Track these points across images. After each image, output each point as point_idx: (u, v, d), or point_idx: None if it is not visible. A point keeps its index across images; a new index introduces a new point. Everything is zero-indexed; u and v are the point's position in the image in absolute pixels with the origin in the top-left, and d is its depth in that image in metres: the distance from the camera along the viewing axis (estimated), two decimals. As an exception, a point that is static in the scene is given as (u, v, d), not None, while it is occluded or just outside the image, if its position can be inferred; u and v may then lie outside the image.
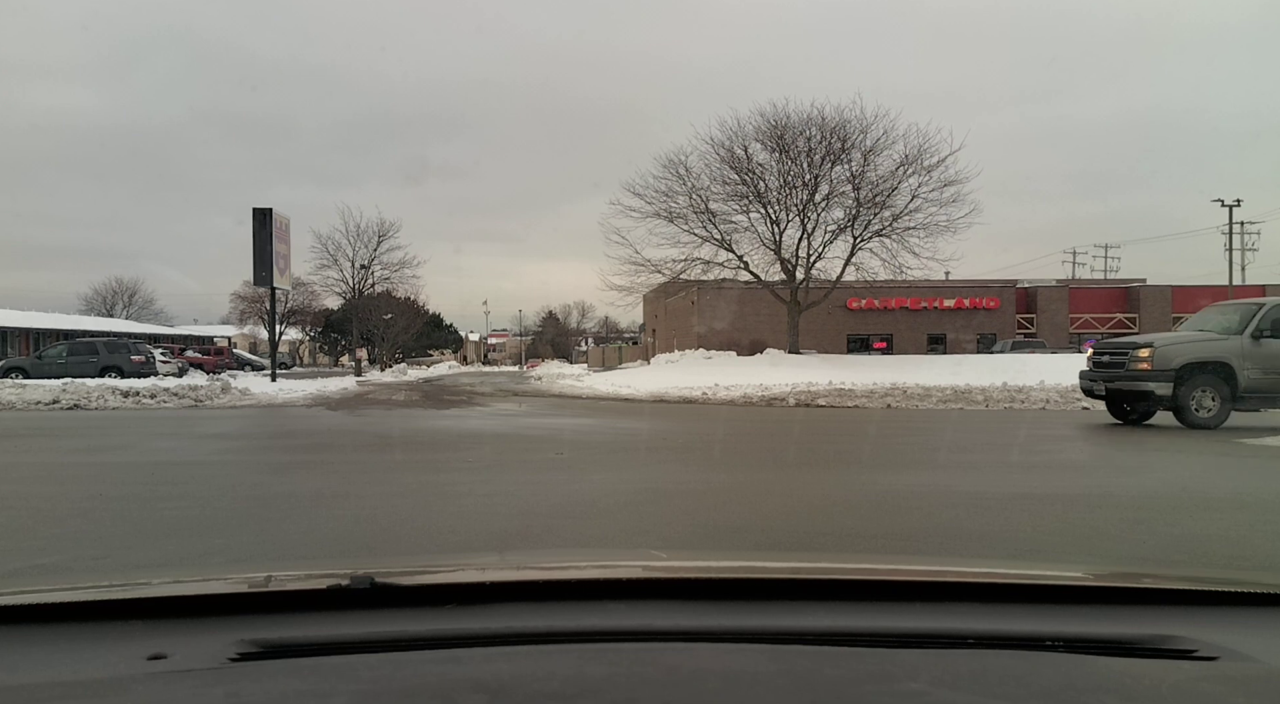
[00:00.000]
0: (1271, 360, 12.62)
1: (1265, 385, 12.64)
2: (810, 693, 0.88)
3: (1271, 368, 12.63)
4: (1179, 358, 12.67)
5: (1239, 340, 12.75)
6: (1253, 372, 12.59)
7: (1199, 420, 12.45)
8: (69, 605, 1.21)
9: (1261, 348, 12.63)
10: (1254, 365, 12.60)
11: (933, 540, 4.96)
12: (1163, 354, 12.70)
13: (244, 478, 7.79)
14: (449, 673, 0.93)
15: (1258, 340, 12.67)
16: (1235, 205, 47.42)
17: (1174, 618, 1.17)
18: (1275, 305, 13.11)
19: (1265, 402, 13.00)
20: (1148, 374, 12.71)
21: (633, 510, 5.96)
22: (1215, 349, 12.84)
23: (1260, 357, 12.63)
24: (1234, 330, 12.94)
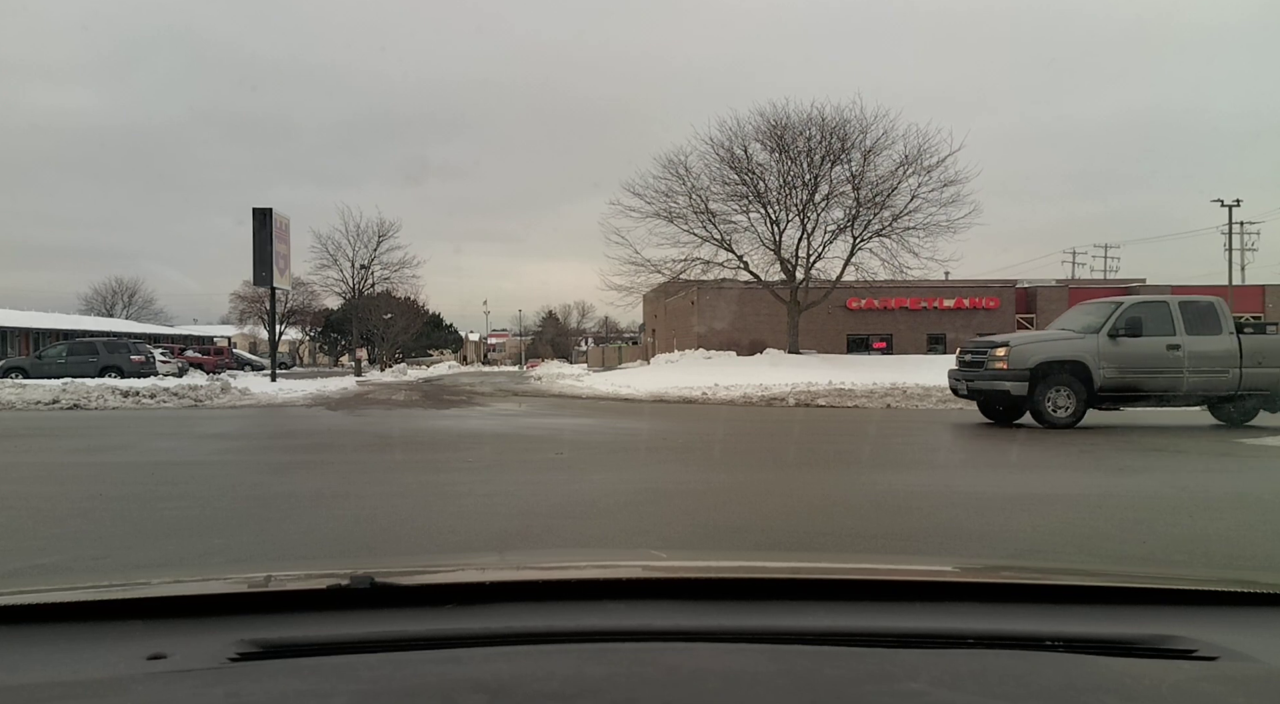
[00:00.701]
0: (1127, 359, 12.57)
1: (1122, 384, 12.59)
2: (810, 693, 0.87)
3: (1128, 367, 12.57)
4: (1034, 357, 12.62)
5: (1095, 339, 12.70)
6: (1109, 371, 12.54)
7: (1055, 420, 12.40)
8: (69, 605, 1.21)
9: (1118, 347, 12.59)
10: (1110, 364, 12.55)
11: (933, 540, 4.96)
12: (1018, 353, 12.69)
13: (244, 478, 7.79)
14: (449, 673, 0.93)
15: (1114, 339, 12.62)
16: (1235, 205, 47.43)
17: (1174, 618, 1.17)
18: (1133, 304, 13.08)
19: (1123, 401, 12.93)
20: (1004, 373, 12.67)
21: (633, 510, 5.96)
22: (1071, 348, 12.78)
23: (1116, 356, 12.58)
24: (1093, 329, 12.88)
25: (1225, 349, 12.62)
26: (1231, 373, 12.59)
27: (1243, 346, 12.65)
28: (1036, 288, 49.90)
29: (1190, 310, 12.88)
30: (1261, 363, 12.62)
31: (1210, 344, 12.61)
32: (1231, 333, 12.74)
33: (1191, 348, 12.56)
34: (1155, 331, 12.68)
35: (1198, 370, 12.57)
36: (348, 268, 51.07)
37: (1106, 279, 58.70)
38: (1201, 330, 12.70)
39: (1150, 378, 12.60)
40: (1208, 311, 12.92)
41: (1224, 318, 12.87)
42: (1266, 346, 12.79)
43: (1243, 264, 50.89)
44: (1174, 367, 12.55)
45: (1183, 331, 12.65)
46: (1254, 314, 46.88)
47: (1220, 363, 12.59)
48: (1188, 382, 12.59)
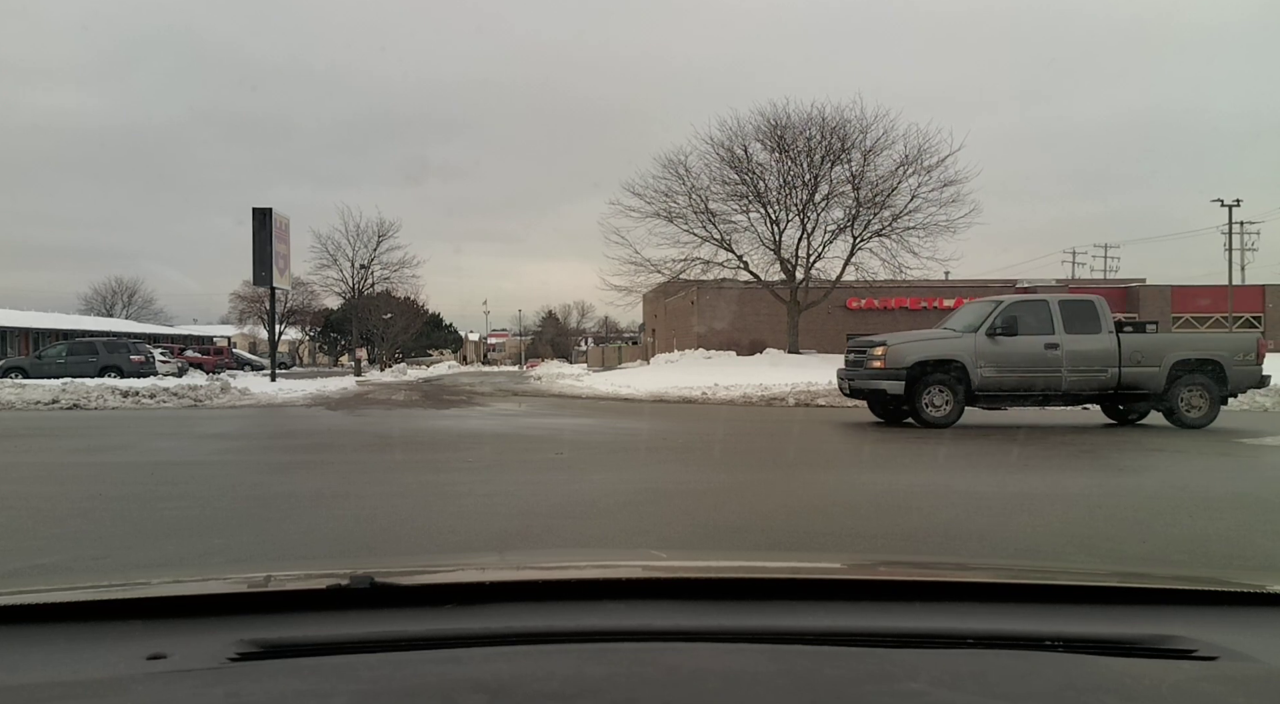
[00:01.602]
0: (1005, 358, 12.52)
1: (1000, 383, 12.55)
2: (810, 693, 0.87)
3: (1006, 366, 12.52)
4: (911, 356, 12.57)
5: (973, 338, 12.66)
6: (987, 370, 12.49)
7: (931, 419, 12.36)
8: (69, 605, 1.21)
9: (997, 346, 12.53)
10: (988, 363, 12.50)
11: (933, 540, 4.96)
12: (895, 352, 12.65)
13: (244, 478, 7.79)
14: (449, 673, 0.93)
15: (993, 338, 12.56)
16: (1235, 205, 47.44)
17: (1174, 618, 1.17)
18: (1012, 303, 13.02)
19: (1002, 400, 12.88)
20: (881, 373, 12.63)
21: (633, 510, 5.96)
22: (948, 347, 12.75)
23: (994, 355, 12.53)
24: (972, 328, 12.82)
25: (1104, 348, 12.58)
26: (1110, 372, 12.56)
27: (1122, 346, 12.63)
28: (1036, 288, 49.89)
29: (1070, 309, 12.85)
30: (1140, 362, 12.59)
31: (1089, 343, 12.57)
32: (1111, 332, 12.70)
33: (1070, 347, 12.52)
34: (1034, 330, 12.64)
35: (1076, 369, 12.54)
36: (347, 268, 51.11)
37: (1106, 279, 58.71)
38: (1081, 329, 12.65)
39: (1028, 377, 12.56)
40: (1087, 311, 12.88)
41: (1103, 317, 12.81)
42: (1145, 346, 12.76)
43: (1243, 264, 50.96)
44: (1052, 365, 12.52)
45: (1062, 330, 12.61)
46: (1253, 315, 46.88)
47: (1099, 362, 12.56)
48: (1066, 380, 12.55)
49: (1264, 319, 47.05)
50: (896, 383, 12.48)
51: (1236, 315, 45.11)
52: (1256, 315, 47.17)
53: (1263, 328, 46.81)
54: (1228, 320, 44.52)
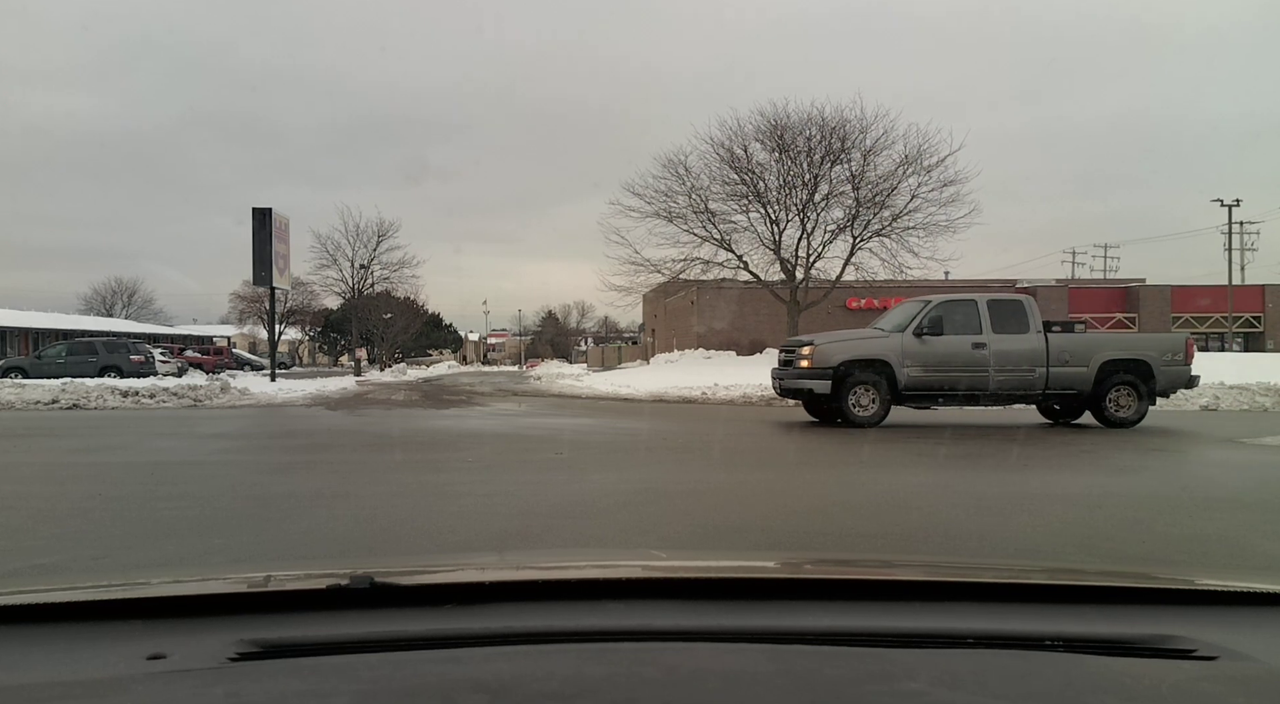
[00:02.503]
0: (932, 358, 12.51)
1: (926, 383, 12.53)
2: (810, 693, 0.87)
3: (932, 365, 12.50)
4: (838, 356, 12.60)
5: (900, 338, 12.66)
6: (913, 369, 12.48)
7: (858, 418, 12.36)
8: (68, 605, 1.21)
9: (924, 346, 12.53)
10: (914, 363, 12.49)
11: (933, 540, 4.96)
12: (822, 352, 12.67)
13: (243, 478, 7.79)
14: (449, 673, 0.93)
15: (920, 337, 12.56)
16: (1235, 205, 47.45)
17: (1173, 618, 1.17)
18: (940, 303, 13.01)
19: (929, 399, 12.86)
20: (809, 372, 12.63)
21: (633, 510, 5.96)
22: (875, 347, 12.76)
23: (921, 354, 12.52)
24: (900, 328, 12.82)
25: (1032, 348, 12.57)
26: (1038, 372, 12.55)
27: (1049, 345, 12.61)
28: (1036, 287, 49.85)
29: (998, 309, 12.85)
30: (1068, 362, 12.58)
31: (1017, 343, 12.56)
32: (1039, 332, 12.69)
33: (997, 346, 12.52)
34: (961, 330, 12.65)
35: (1003, 369, 12.53)
36: (347, 268, 51.06)
37: (1106, 279, 58.73)
38: (1009, 329, 12.66)
39: (954, 376, 12.56)
40: (1016, 310, 12.87)
41: (1032, 316, 12.80)
42: (1073, 345, 12.75)
43: (1243, 264, 50.97)
44: (979, 365, 12.53)
45: (989, 330, 12.61)
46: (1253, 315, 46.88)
47: (1027, 361, 12.56)
48: (994, 380, 12.55)
49: (1264, 319, 47.05)
50: (823, 382, 12.50)
51: (1236, 315, 45.11)
52: (1256, 315, 47.17)
53: (1263, 327, 46.83)
54: (1227, 320, 44.52)
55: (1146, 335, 13.78)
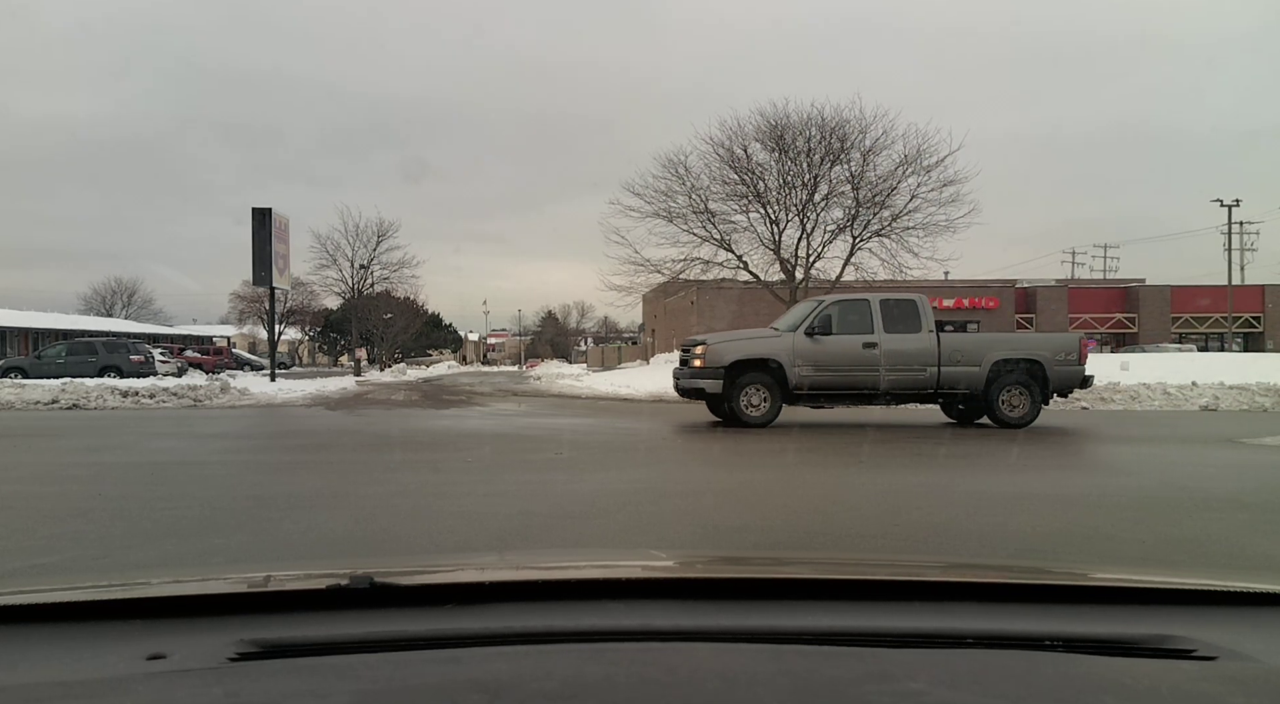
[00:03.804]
0: (824, 357, 12.46)
1: (818, 382, 12.47)
2: (810, 693, 0.87)
3: (824, 365, 12.45)
4: (730, 355, 12.53)
5: (792, 337, 12.60)
6: (804, 369, 12.41)
7: (749, 418, 12.30)
8: (68, 605, 1.21)
9: (816, 345, 12.48)
10: (805, 362, 12.43)
11: (933, 540, 4.96)
12: (714, 351, 12.59)
13: (243, 478, 7.78)
14: (449, 673, 0.93)
15: (811, 337, 12.51)
16: (1234, 205, 47.44)
17: (1173, 618, 1.17)
18: (832, 303, 12.98)
19: (822, 399, 12.78)
20: (701, 372, 12.58)
21: (633, 510, 5.96)
22: (765, 346, 12.66)
23: (812, 354, 12.47)
24: (794, 327, 12.77)
25: (923, 347, 12.53)
26: (929, 371, 12.52)
27: (941, 345, 12.58)
28: (1036, 288, 49.90)
29: (890, 308, 12.81)
30: (960, 361, 12.56)
31: (908, 342, 12.52)
32: (931, 331, 12.65)
33: (889, 346, 12.48)
34: (853, 329, 12.62)
35: (895, 368, 12.49)
36: (347, 268, 51.06)
37: (1106, 279, 58.74)
38: (901, 328, 12.62)
39: (846, 376, 12.51)
40: (908, 309, 12.82)
41: (924, 316, 12.75)
42: (965, 345, 12.73)
43: (1242, 264, 50.98)
44: (870, 364, 12.49)
45: (881, 329, 12.57)
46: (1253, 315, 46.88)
47: (918, 361, 12.52)
48: (885, 379, 12.50)
49: (1263, 319, 47.06)
50: (715, 382, 12.44)
51: (1236, 315, 45.12)
52: (1256, 315, 47.18)
53: (1263, 328, 46.83)
54: (1227, 320, 44.53)
55: (1039, 335, 13.76)
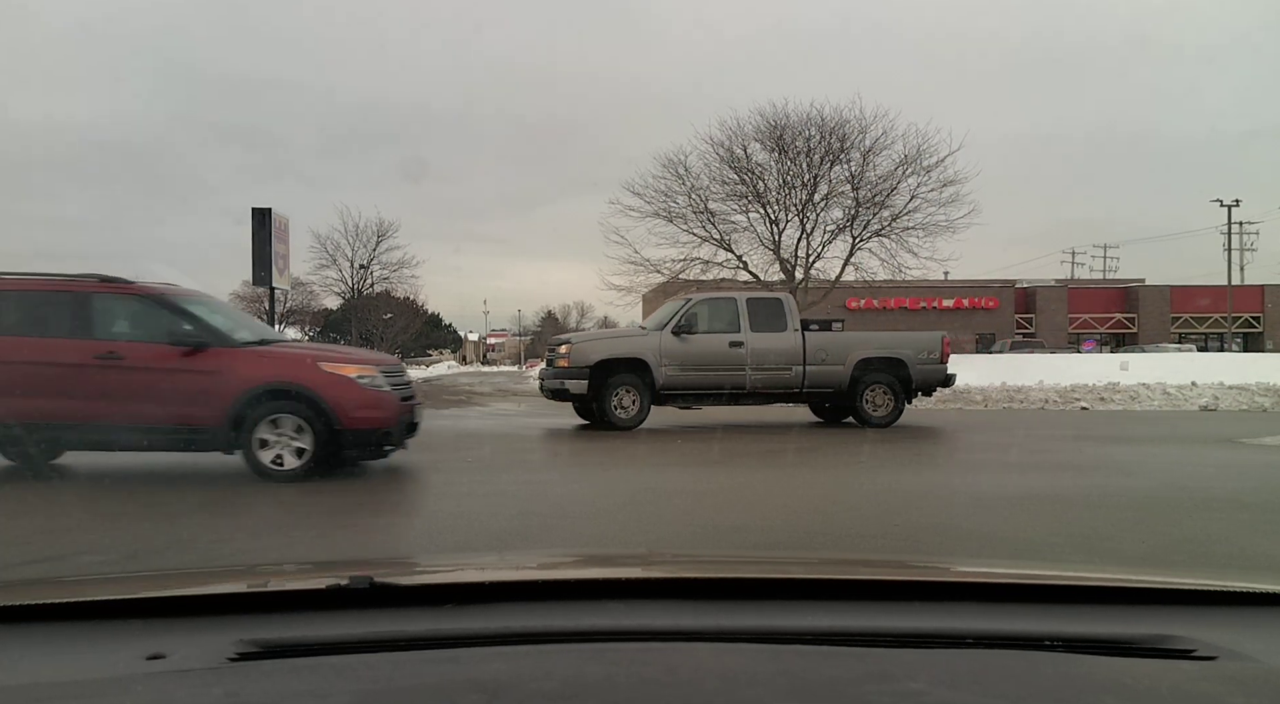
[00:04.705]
0: (690, 356, 12.30)
1: (684, 382, 12.31)
2: (810, 693, 0.87)
3: (689, 364, 12.30)
4: (595, 355, 12.25)
5: (658, 336, 12.40)
6: (671, 368, 12.24)
7: (618, 420, 11.99)
8: (69, 605, 1.21)
9: (682, 344, 12.30)
10: (671, 362, 12.25)
11: (933, 541, 4.97)
12: (579, 351, 12.33)
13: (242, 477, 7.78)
14: (448, 673, 0.93)
15: (678, 336, 12.32)
16: (1234, 205, 47.43)
17: (1173, 618, 1.17)
18: (698, 301, 12.84)
19: (689, 399, 12.65)
20: (566, 372, 12.25)
21: (632, 510, 5.96)
22: (631, 346, 12.43)
23: (679, 353, 12.25)
24: (661, 326, 12.58)
25: (789, 346, 12.47)
26: (795, 370, 12.46)
27: (806, 344, 12.54)
28: (1035, 288, 49.91)
29: (757, 307, 12.74)
30: (825, 360, 12.53)
31: (775, 341, 12.42)
32: (796, 330, 12.59)
33: (755, 345, 12.38)
34: (719, 328, 12.48)
35: (761, 367, 12.38)
36: (347, 268, 51.12)
37: (1106, 279, 58.74)
38: (767, 327, 12.51)
39: (712, 375, 12.38)
40: (774, 308, 12.76)
41: (790, 315, 12.70)
42: (830, 344, 12.70)
43: (1242, 264, 50.92)
44: (737, 363, 12.37)
45: (747, 328, 12.46)
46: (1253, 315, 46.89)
47: (784, 360, 12.44)
48: (751, 378, 12.39)
49: (1263, 319, 47.07)
50: (580, 382, 12.12)
51: (1236, 315, 45.12)
52: (1256, 315, 47.19)
53: (1262, 328, 46.84)
54: (1227, 320, 44.55)
55: (902, 334, 13.56)
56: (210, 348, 7.09)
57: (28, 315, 7.26)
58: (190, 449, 7.21)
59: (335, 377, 7.11)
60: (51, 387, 6.91)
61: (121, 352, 7.03)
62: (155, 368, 7.00)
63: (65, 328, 7.15)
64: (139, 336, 7.27)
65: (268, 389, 6.96)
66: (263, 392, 6.95)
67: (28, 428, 6.87)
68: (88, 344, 7.02)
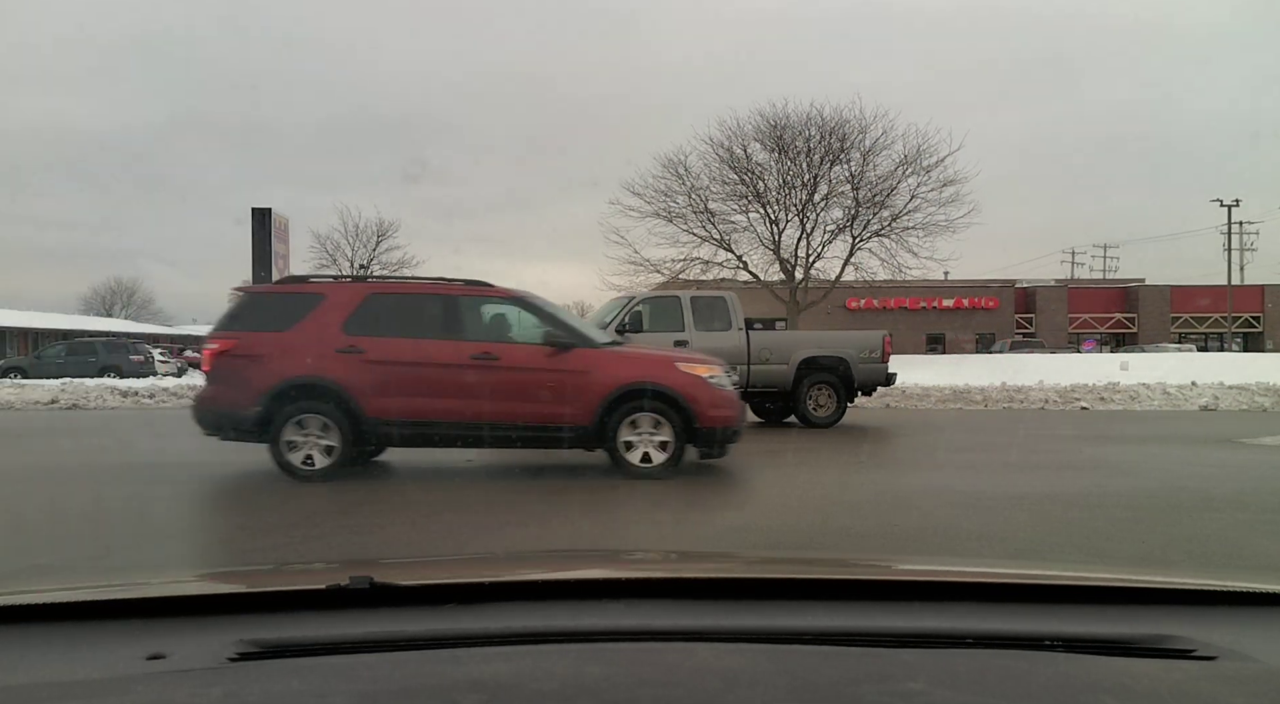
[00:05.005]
0: None
1: None
2: (810, 693, 0.88)
3: None
4: None
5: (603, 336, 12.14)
6: None
7: None
8: (68, 605, 1.21)
9: None
10: None
11: (933, 541, 4.97)
12: None
13: (243, 477, 7.78)
14: (448, 673, 0.93)
15: (622, 336, 11.88)
16: (1234, 205, 47.44)
17: (1173, 618, 1.17)
18: (643, 299, 12.68)
19: None
20: None
21: (632, 510, 5.96)
22: None
23: None
24: (604, 324, 12.25)
25: (734, 345, 12.34)
26: (739, 370, 12.18)
27: (750, 343, 12.47)
28: (1035, 288, 49.91)
29: (701, 306, 12.63)
30: (769, 360, 12.47)
31: (719, 340, 12.23)
32: (741, 329, 12.50)
33: (700, 344, 12.13)
34: (664, 327, 12.33)
35: None
36: (347, 268, 51.08)
37: (1105, 279, 58.74)
38: (711, 326, 12.41)
39: None
40: (718, 307, 12.66)
41: (734, 314, 12.57)
42: (773, 343, 12.64)
43: (1242, 264, 50.93)
44: None
45: (692, 327, 12.35)
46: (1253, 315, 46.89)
47: (729, 359, 11.88)
48: None
49: (1263, 319, 47.07)
50: None
51: (1236, 315, 45.13)
52: (1256, 315, 47.19)
53: (1262, 328, 46.85)
54: (1227, 320, 44.55)
55: (844, 333, 13.39)
56: (576, 349, 7.25)
57: (405, 318, 7.48)
58: (556, 446, 7.32)
59: (692, 377, 7.24)
60: (431, 386, 7.11)
61: (495, 352, 7.22)
62: (527, 368, 7.19)
63: (440, 329, 7.36)
64: (508, 338, 7.51)
65: (632, 389, 7.10)
66: (628, 391, 7.10)
67: (408, 425, 7.03)
68: (464, 345, 7.23)
